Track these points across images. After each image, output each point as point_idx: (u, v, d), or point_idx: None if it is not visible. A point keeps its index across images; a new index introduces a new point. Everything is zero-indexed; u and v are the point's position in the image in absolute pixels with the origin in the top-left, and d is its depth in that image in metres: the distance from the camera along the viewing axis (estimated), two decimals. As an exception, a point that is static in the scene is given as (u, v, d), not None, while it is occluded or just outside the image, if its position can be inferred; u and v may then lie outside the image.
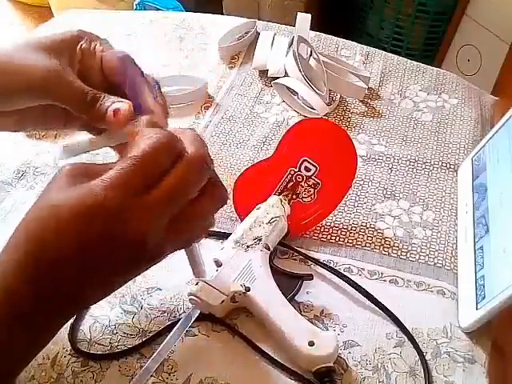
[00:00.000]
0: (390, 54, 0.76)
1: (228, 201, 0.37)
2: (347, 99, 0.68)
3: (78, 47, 0.39)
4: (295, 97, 0.68)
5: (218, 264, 0.44)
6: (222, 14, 1.57)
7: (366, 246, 0.51)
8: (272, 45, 0.74)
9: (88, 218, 0.29)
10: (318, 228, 0.53)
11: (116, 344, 0.43)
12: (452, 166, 0.59)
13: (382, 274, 0.49)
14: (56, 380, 0.41)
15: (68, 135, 0.62)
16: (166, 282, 0.47)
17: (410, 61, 0.74)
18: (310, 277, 0.46)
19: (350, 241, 0.52)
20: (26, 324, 0.30)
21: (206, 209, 0.35)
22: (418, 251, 0.51)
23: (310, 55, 0.70)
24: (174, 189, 0.32)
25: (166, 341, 0.40)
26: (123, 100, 0.37)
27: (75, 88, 0.37)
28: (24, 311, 0.30)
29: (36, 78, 0.36)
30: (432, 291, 0.47)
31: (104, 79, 0.39)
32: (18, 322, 0.30)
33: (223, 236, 0.49)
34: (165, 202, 0.31)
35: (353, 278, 0.47)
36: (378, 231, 0.53)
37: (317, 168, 0.50)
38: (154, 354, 0.40)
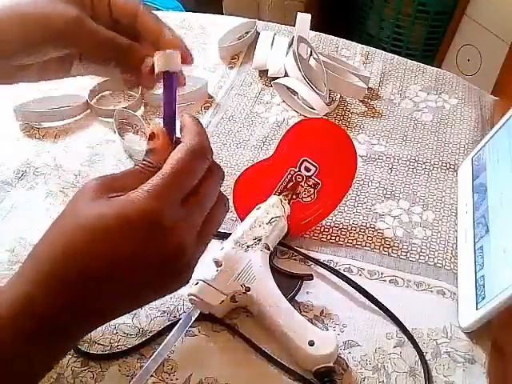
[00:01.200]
0: (389, 54, 0.76)
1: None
2: (347, 99, 0.68)
3: None
4: (295, 97, 0.67)
5: (218, 264, 0.44)
6: (222, 13, 1.57)
7: (366, 245, 0.51)
8: (272, 45, 0.74)
9: (128, 229, 0.29)
10: (318, 228, 0.53)
11: (116, 344, 0.43)
12: (452, 166, 0.59)
13: (382, 274, 0.49)
14: (56, 380, 0.41)
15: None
16: (166, 282, 0.47)
17: (409, 61, 0.74)
18: (309, 277, 0.46)
19: (350, 241, 0.52)
20: (49, 339, 0.29)
21: (222, 210, 0.36)
22: (418, 251, 0.51)
23: (310, 55, 0.70)
24: (206, 198, 0.33)
25: (166, 341, 0.40)
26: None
27: (103, 35, 0.36)
28: (49, 324, 0.29)
29: (60, 27, 0.36)
30: (432, 291, 0.47)
31: (113, 23, 0.39)
32: (41, 335, 0.29)
33: (223, 236, 0.49)
34: (200, 211, 0.33)
35: (353, 277, 0.47)
36: (378, 231, 0.53)
37: (317, 168, 0.50)
38: (154, 354, 0.40)
